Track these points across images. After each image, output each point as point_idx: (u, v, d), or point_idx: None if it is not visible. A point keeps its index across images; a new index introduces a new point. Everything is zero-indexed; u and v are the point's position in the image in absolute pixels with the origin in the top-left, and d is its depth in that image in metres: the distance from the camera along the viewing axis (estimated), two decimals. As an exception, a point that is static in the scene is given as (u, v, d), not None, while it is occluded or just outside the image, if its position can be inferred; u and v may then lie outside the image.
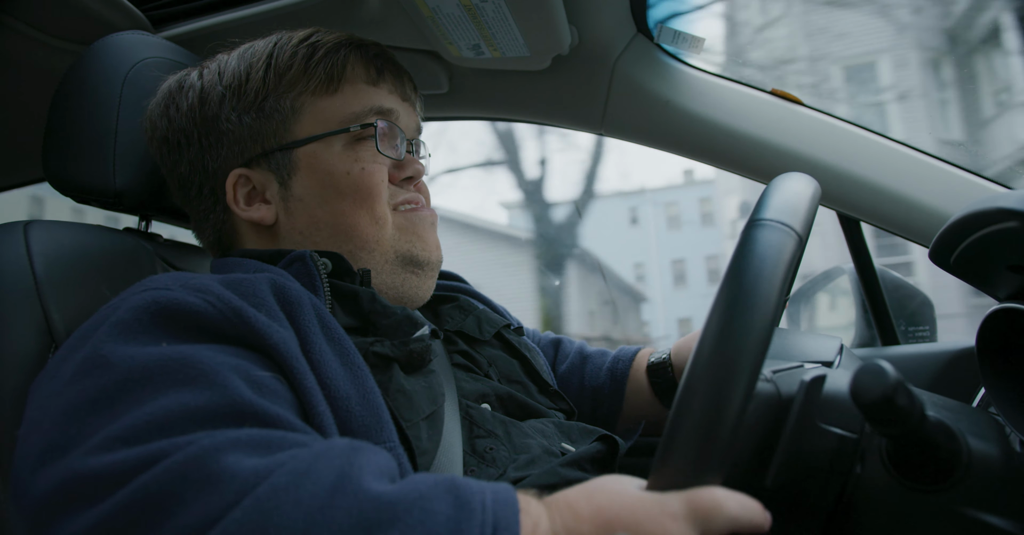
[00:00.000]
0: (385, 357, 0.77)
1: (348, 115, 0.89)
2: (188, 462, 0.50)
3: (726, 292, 0.50)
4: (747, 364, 0.47)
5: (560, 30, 1.12)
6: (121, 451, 0.51)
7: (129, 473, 0.50)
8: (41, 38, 1.19)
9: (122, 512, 0.48)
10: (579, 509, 0.53)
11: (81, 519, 0.49)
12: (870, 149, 1.19)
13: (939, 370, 1.21)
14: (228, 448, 0.51)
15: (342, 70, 0.89)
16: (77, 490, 0.50)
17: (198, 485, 0.49)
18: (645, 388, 1.13)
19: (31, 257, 0.76)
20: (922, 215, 1.15)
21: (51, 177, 0.96)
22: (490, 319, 1.02)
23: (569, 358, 1.22)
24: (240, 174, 0.89)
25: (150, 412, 0.54)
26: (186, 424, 0.54)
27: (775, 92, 1.24)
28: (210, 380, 0.58)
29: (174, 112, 0.90)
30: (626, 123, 1.33)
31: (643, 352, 1.18)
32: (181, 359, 0.59)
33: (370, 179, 0.87)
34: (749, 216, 0.56)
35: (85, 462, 0.51)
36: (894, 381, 0.48)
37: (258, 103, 0.88)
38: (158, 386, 0.56)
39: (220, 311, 0.65)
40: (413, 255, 0.90)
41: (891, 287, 1.35)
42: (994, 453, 0.57)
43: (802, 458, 0.59)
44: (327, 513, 0.47)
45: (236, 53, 0.91)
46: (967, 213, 0.69)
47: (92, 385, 0.57)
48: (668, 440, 0.49)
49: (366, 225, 0.87)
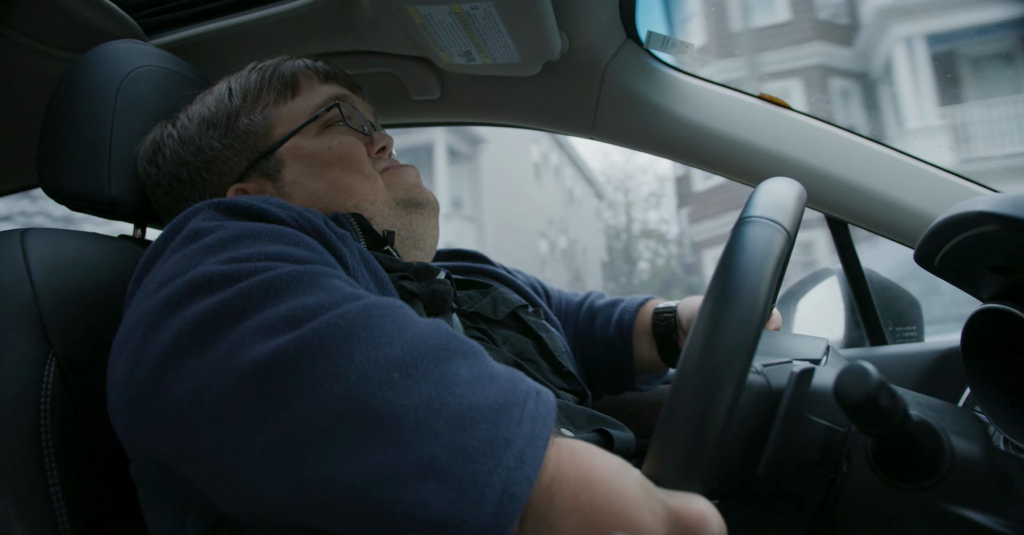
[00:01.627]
0: (411, 293, 0.83)
1: (311, 107, 0.98)
2: (303, 273, 0.57)
3: (717, 285, 0.51)
4: (739, 351, 0.49)
5: (551, 37, 1.13)
6: (239, 264, 0.58)
7: (248, 274, 0.56)
8: (33, 46, 1.20)
9: (246, 292, 0.54)
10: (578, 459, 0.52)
11: (205, 302, 0.54)
12: (856, 152, 1.20)
13: (926, 370, 1.23)
14: (332, 276, 0.59)
15: (294, 77, 0.99)
16: (202, 284, 0.56)
17: (312, 287, 0.56)
18: (647, 333, 1.16)
19: (28, 265, 0.77)
20: (908, 217, 1.17)
21: (45, 184, 0.97)
22: (506, 299, 1.03)
23: (582, 313, 1.25)
24: (237, 188, 0.96)
25: (261, 249, 0.62)
26: (290, 262, 0.61)
27: (763, 96, 1.26)
28: (308, 245, 0.66)
29: (161, 160, 0.97)
30: (616, 128, 1.34)
31: (651, 301, 1.21)
32: (279, 229, 0.67)
33: (350, 147, 0.96)
34: (739, 215, 0.57)
35: (210, 267, 0.57)
36: (876, 382, 0.49)
37: (231, 125, 0.96)
38: (265, 240, 0.64)
39: (299, 222, 0.73)
40: (411, 198, 0.98)
41: (879, 288, 1.36)
42: (976, 451, 0.59)
43: (792, 448, 0.60)
44: (417, 330, 0.53)
45: (197, 100, 1.01)
46: (949, 217, 0.71)
47: (208, 238, 0.63)
48: (662, 429, 0.50)
49: (359, 182, 0.95)
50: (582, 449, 0.53)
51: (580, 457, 0.52)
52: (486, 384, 0.51)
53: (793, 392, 0.61)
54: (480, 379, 0.52)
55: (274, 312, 0.52)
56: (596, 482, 0.50)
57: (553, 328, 1.09)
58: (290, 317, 0.52)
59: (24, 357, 0.72)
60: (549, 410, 0.52)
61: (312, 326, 0.51)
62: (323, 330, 0.51)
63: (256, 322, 0.52)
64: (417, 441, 0.47)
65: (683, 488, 0.50)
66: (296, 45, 1.26)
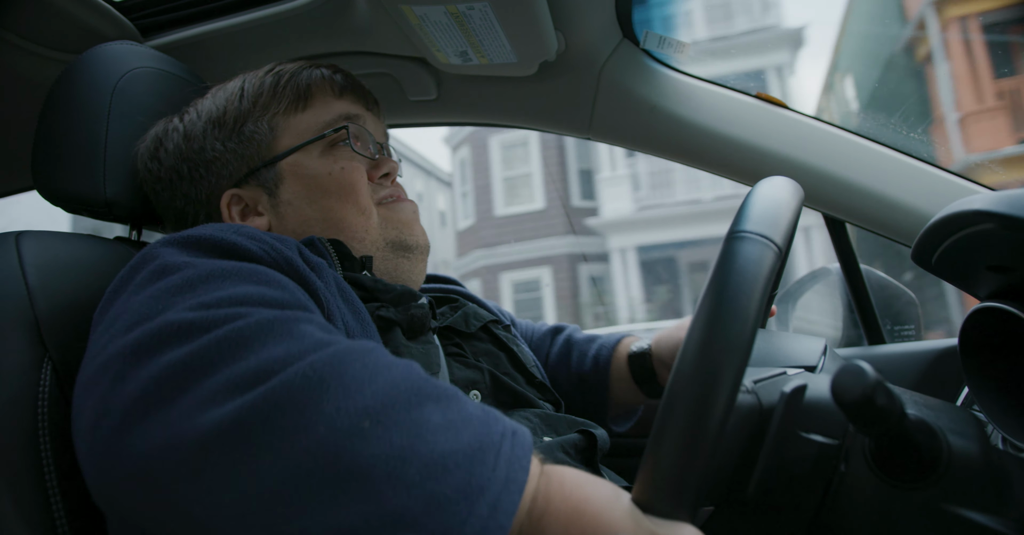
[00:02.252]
0: (388, 320, 0.82)
1: (320, 124, 0.96)
2: (270, 321, 0.56)
3: (706, 308, 0.51)
4: (726, 382, 0.48)
5: (547, 37, 1.13)
6: (208, 311, 0.57)
7: (217, 323, 0.56)
8: (29, 47, 1.20)
9: (213, 345, 0.54)
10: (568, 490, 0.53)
11: (171, 354, 0.53)
12: (853, 151, 1.20)
13: (924, 369, 1.23)
14: (304, 321, 0.58)
15: (307, 88, 0.97)
16: (170, 334, 0.55)
17: (281, 336, 0.55)
18: (627, 378, 1.15)
19: (23, 267, 0.76)
20: (905, 215, 1.17)
21: (41, 187, 0.96)
22: (477, 314, 1.04)
23: (559, 345, 1.24)
24: (232, 194, 0.95)
25: (231, 292, 0.60)
26: (263, 305, 0.60)
27: (760, 96, 1.26)
28: (280, 285, 0.66)
29: (163, 154, 0.96)
30: (613, 127, 1.34)
31: (626, 340, 1.19)
32: (249, 268, 0.66)
33: (350, 176, 0.94)
34: (730, 227, 0.56)
35: (178, 315, 0.57)
36: (873, 381, 0.49)
37: (237, 129, 0.95)
38: (235, 281, 0.63)
39: (271, 256, 0.72)
40: (402, 240, 0.96)
41: (877, 287, 1.36)
42: (974, 450, 0.59)
43: (783, 467, 0.60)
44: (388, 376, 0.53)
45: (209, 95, 1.00)
46: (945, 216, 0.71)
47: (176, 277, 0.63)
48: (650, 457, 0.50)
49: (353, 216, 0.93)
50: (571, 480, 0.54)
51: (570, 489, 0.53)
52: (459, 428, 0.51)
53: (784, 412, 0.61)
54: (453, 423, 0.52)
55: (244, 366, 0.52)
56: (586, 515, 0.51)
57: (523, 343, 1.10)
58: (260, 371, 0.52)
59: (20, 361, 0.72)
60: (526, 451, 0.53)
61: (281, 379, 0.51)
62: (292, 382, 0.50)
63: (225, 377, 0.52)
64: (389, 493, 0.47)
65: (672, 516, 0.51)
66: (292, 46, 1.26)
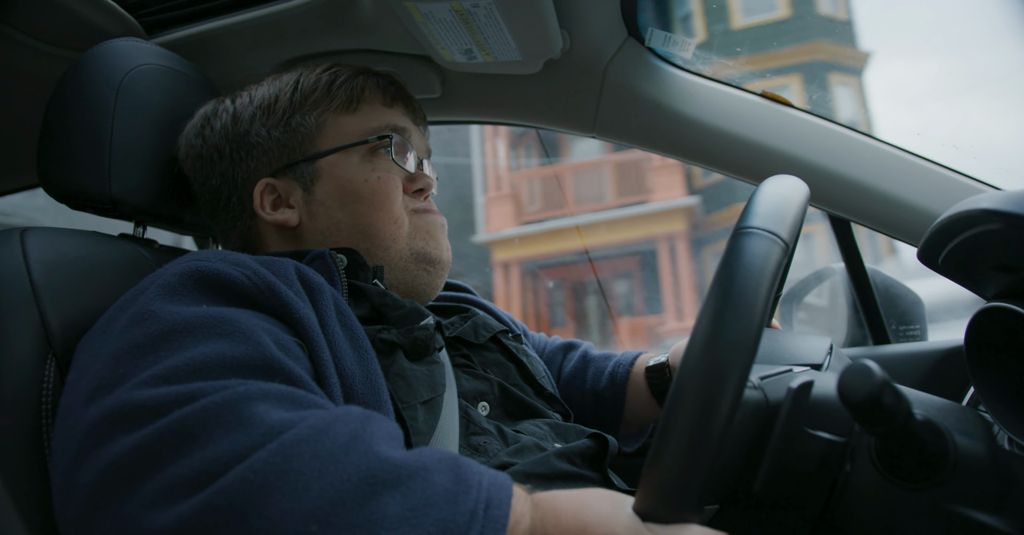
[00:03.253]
0: (391, 343, 0.82)
1: (366, 129, 0.98)
2: (223, 404, 0.55)
3: (711, 306, 0.50)
4: (732, 380, 0.48)
5: (552, 35, 1.12)
6: (163, 387, 0.57)
7: (170, 405, 0.55)
8: (34, 45, 1.20)
9: (160, 438, 0.53)
10: (564, 521, 0.54)
11: (123, 442, 0.54)
12: (859, 150, 1.20)
13: (929, 368, 1.22)
14: (259, 398, 0.57)
15: (360, 92, 0.99)
16: (122, 417, 0.56)
17: (230, 425, 0.53)
18: (645, 392, 1.14)
19: (28, 264, 0.76)
20: (911, 215, 1.16)
21: (46, 183, 0.96)
22: (487, 324, 1.04)
23: (573, 361, 1.24)
24: (267, 183, 0.96)
25: (191, 357, 0.60)
26: (222, 370, 0.60)
27: (765, 94, 1.25)
28: (245, 337, 0.64)
29: (208, 132, 0.98)
30: (618, 126, 1.33)
31: (643, 356, 1.19)
32: (220, 317, 0.65)
33: (385, 186, 0.95)
34: (736, 223, 0.56)
35: (131, 394, 0.57)
36: (880, 380, 0.49)
37: (285, 119, 0.96)
38: (198, 337, 0.63)
39: (255, 283, 0.72)
40: (427, 253, 0.97)
41: (882, 287, 1.36)
42: (981, 450, 0.58)
43: (790, 463, 0.60)
44: (340, 466, 0.51)
45: (265, 83, 1.02)
46: (952, 215, 0.70)
47: (140, 333, 0.63)
48: (654, 458, 0.49)
49: (384, 225, 0.94)
50: (565, 506, 0.55)
51: (564, 517, 0.54)
52: (420, 517, 0.49)
53: (791, 408, 0.60)
54: (414, 512, 0.50)
55: (187, 464, 0.51)
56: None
57: (533, 353, 1.10)
58: (203, 472, 0.51)
59: (25, 357, 0.72)
60: (501, 521, 0.51)
61: (222, 484, 0.49)
62: (232, 488, 0.49)
63: (169, 477, 0.51)
64: None
65: (675, 520, 0.51)
66: (297, 44, 1.26)
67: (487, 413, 0.89)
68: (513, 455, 0.79)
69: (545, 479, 0.76)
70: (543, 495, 0.57)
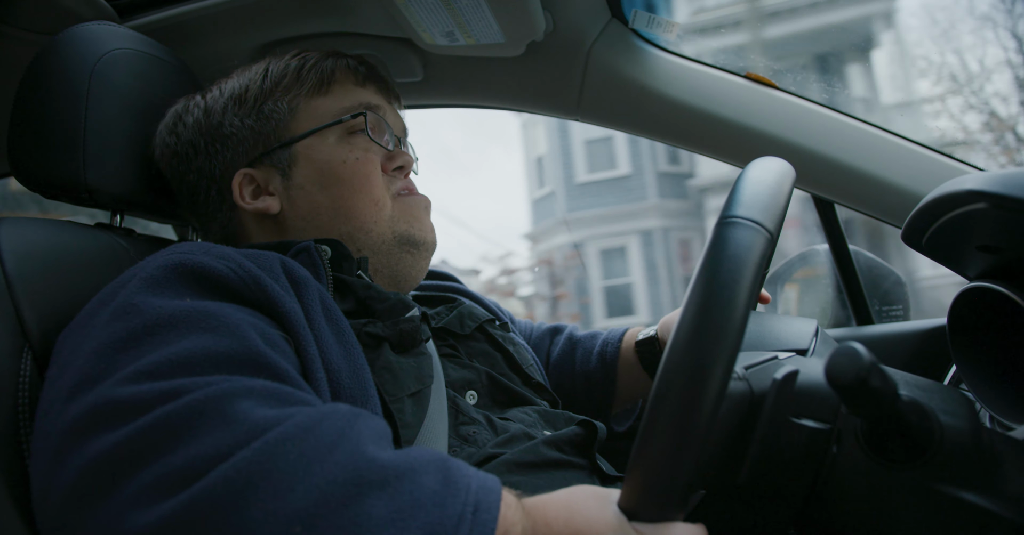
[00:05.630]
0: (376, 337, 0.81)
1: (339, 110, 0.96)
2: (207, 401, 0.54)
3: (695, 299, 0.50)
4: (715, 377, 0.47)
5: (534, 16, 1.11)
6: (146, 383, 0.56)
7: (153, 402, 0.54)
8: (3, 30, 1.16)
9: (142, 435, 0.52)
10: (556, 529, 0.54)
11: (105, 439, 0.53)
12: (843, 132, 1.20)
13: (912, 348, 1.24)
14: (243, 395, 0.55)
15: (331, 74, 0.97)
16: (105, 414, 0.55)
17: (213, 422, 0.52)
18: (635, 367, 1.15)
19: (1, 255, 0.75)
20: (895, 196, 1.17)
21: (18, 172, 0.94)
22: (473, 314, 1.04)
23: (560, 345, 1.24)
24: (245, 173, 0.95)
25: (175, 352, 0.59)
26: (206, 366, 0.59)
27: (749, 76, 1.25)
28: (230, 330, 0.63)
29: (181, 128, 0.96)
30: (602, 109, 1.33)
31: (631, 331, 1.20)
32: (204, 311, 0.64)
33: (364, 167, 0.93)
34: (721, 211, 0.55)
35: (114, 391, 0.56)
36: (868, 363, 0.49)
37: (257, 107, 0.95)
38: (182, 331, 0.61)
39: (240, 277, 0.70)
40: (410, 235, 0.95)
41: (865, 267, 1.37)
42: (965, 430, 0.59)
43: (774, 453, 0.60)
44: (325, 466, 0.50)
45: (235, 75, 1.00)
46: (937, 195, 0.70)
47: (122, 328, 0.62)
48: (637, 457, 0.49)
49: (364, 206, 0.93)
50: (555, 514, 0.55)
51: (556, 525, 0.54)
52: (407, 520, 0.49)
53: (776, 399, 0.60)
54: (401, 514, 0.49)
55: (169, 464, 0.50)
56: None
57: (520, 341, 1.10)
58: (186, 469, 0.50)
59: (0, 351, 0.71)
60: (488, 530, 0.51)
61: (203, 485, 0.48)
62: (214, 488, 0.48)
63: (152, 475, 0.50)
64: None
65: (660, 518, 0.51)
66: (275, 27, 1.23)
67: (475, 402, 0.89)
68: (502, 445, 0.80)
69: (534, 467, 0.76)
70: (533, 502, 0.57)
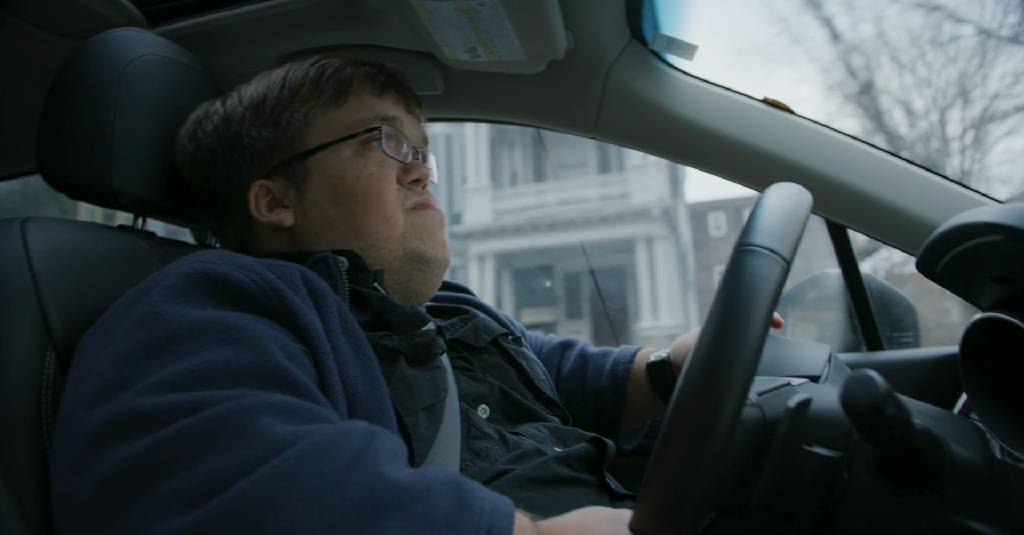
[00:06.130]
0: (392, 349, 0.81)
1: (355, 122, 0.95)
2: (228, 415, 0.54)
3: (711, 327, 0.50)
4: (729, 406, 0.47)
5: (556, 35, 1.12)
6: (168, 394, 0.56)
7: (174, 414, 0.54)
8: (35, 33, 1.19)
9: (163, 447, 0.53)
10: None
11: (126, 449, 0.53)
12: (860, 158, 1.20)
13: (922, 376, 1.23)
14: (263, 411, 0.56)
15: (348, 84, 0.96)
16: (126, 424, 0.55)
17: (233, 438, 0.53)
18: (646, 388, 1.15)
19: (29, 255, 0.76)
20: (909, 224, 1.17)
21: (45, 173, 0.95)
22: (487, 327, 1.04)
23: (571, 361, 1.24)
24: (261, 185, 0.95)
25: (197, 363, 0.59)
26: (227, 378, 0.59)
27: (767, 100, 1.26)
28: (251, 343, 0.63)
29: (201, 135, 0.97)
30: (619, 128, 1.34)
31: (643, 352, 1.20)
32: (225, 322, 0.64)
33: (378, 183, 0.93)
34: (739, 238, 0.55)
35: (136, 401, 0.56)
36: (883, 391, 0.49)
37: (274, 118, 0.94)
38: (204, 342, 0.62)
39: (261, 288, 0.71)
40: (421, 252, 0.95)
41: (876, 293, 1.37)
42: (976, 460, 0.59)
43: (786, 479, 0.60)
44: (342, 486, 0.51)
45: (254, 82, 1.00)
46: (954, 225, 0.71)
47: (145, 336, 0.62)
48: (650, 481, 0.50)
49: (376, 224, 0.92)
50: (567, 532, 0.56)
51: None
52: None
53: (789, 426, 0.60)
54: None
55: (190, 476, 0.51)
56: None
57: (532, 355, 1.10)
58: (205, 485, 0.50)
59: (24, 349, 0.72)
60: None
61: (221, 500, 0.49)
62: (233, 504, 0.49)
63: (171, 488, 0.51)
64: None
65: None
66: (299, 38, 1.25)
67: (487, 416, 0.89)
68: (513, 461, 0.80)
69: (544, 483, 0.76)
70: (547, 525, 0.57)
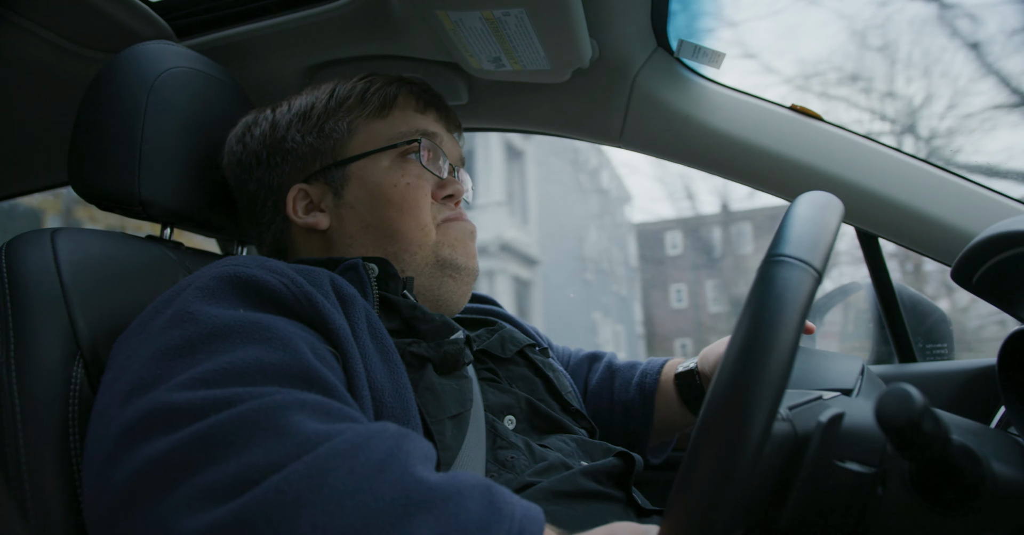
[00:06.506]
0: (420, 357, 0.82)
1: (395, 134, 0.99)
2: (260, 411, 0.55)
3: (741, 339, 0.49)
4: (759, 421, 0.46)
5: (581, 44, 1.12)
6: (201, 390, 0.57)
7: (207, 409, 0.55)
8: (66, 46, 1.21)
9: (196, 441, 0.53)
10: None
11: (159, 443, 0.54)
12: (890, 166, 1.18)
13: (957, 388, 1.20)
14: (296, 408, 0.56)
15: (393, 99, 1.00)
16: (159, 419, 0.56)
17: (266, 433, 0.53)
18: (674, 399, 1.14)
19: (59, 265, 0.77)
20: (942, 233, 1.14)
21: (76, 184, 0.97)
22: (514, 338, 1.04)
23: (599, 372, 1.23)
24: (300, 188, 0.98)
25: (229, 361, 0.60)
26: (259, 376, 0.60)
27: (795, 107, 1.24)
28: (283, 343, 0.64)
29: (249, 138, 1.01)
30: (645, 137, 1.33)
31: (671, 363, 1.19)
32: (258, 322, 0.65)
33: (414, 193, 0.96)
34: (769, 248, 0.54)
35: (169, 396, 0.57)
36: (920, 406, 0.47)
37: (319, 125, 0.98)
38: (236, 341, 0.63)
39: (292, 292, 0.72)
40: (452, 260, 0.97)
41: (908, 304, 1.33)
42: (1017, 478, 0.57)
43: (818, 497, 0.58)
44: (374, 484, 0.51)
45: (304, 92, 1.04)
46: (992, 234, 0.69)
47: (179, 335, 0.64)
48: (678, 497, 0.48)
49: (411, 230, 0.94)
50: None
51: None
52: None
53: (821, 442, 0.58)
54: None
55: (222, 471, 0.51)
56: None
57: (559, 367, 1.09)
58: (238, 479, 0.51)
59: (53, 358, 0.73)
60: None
61: (254, 494, 0.49)
62: (266, 498, 0.49)
63: (204, 481, 0.51)
64: None
65: None
66: (326, 49, 1.26)
67: (513, 427, 0.89)
68: (539, 474, 0.79)
69: (570, 497, 0.76)
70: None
